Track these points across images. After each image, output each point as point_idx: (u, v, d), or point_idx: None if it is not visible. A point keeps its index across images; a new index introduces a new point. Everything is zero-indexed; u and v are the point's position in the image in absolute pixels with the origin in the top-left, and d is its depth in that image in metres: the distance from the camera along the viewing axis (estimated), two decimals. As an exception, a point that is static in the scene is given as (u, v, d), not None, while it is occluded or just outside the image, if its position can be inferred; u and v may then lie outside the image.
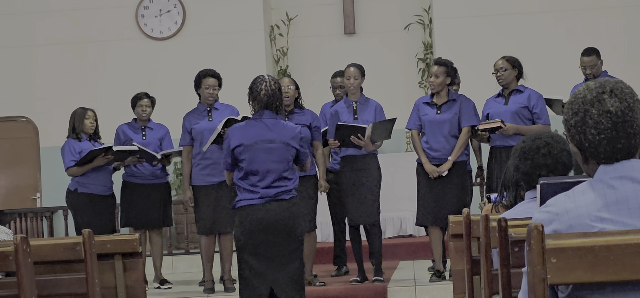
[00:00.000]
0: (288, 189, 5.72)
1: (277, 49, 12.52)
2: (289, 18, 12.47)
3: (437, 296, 7.65)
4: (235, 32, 12.02)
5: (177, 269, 10.25)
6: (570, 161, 3.94)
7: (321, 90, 9.95)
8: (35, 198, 12.45)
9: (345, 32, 12.49)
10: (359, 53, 11.40)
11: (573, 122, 2.48)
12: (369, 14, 12.50)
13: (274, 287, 5.67)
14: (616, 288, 2.37)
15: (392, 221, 11.10)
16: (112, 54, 12.13)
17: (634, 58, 11.30)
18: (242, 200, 5.72)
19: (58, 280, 4.23)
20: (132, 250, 4.86)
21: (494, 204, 4.64)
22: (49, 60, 12.17)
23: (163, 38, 12.18)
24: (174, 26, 12.18)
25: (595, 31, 11.10)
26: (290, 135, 5.73)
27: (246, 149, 5.67)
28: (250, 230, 5.65)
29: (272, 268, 5.66)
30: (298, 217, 5.76)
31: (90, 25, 12.16)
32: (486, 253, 3.66)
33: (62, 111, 11.19)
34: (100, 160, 8.21)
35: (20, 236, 3.48)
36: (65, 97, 11.75)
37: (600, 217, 2.40)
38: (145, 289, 5.03)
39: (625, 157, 2.45)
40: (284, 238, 5.67)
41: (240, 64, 11.49)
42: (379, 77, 11.59)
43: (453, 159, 7.64)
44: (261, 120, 5.72)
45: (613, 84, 2.47)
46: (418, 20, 12.33)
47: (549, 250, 2.30)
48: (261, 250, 5.65)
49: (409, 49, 12.26)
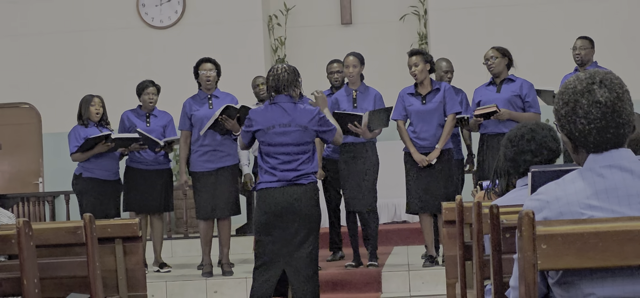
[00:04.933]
0: (306, 173, 5.71)
1: (275, 39, 12.51)
2: (286, 8, 12.47)
3: (430, 281, 7.66)
4: (234, 21, 12.02)
5: (177, 253, 10.27)
6: (557, 147, 3.97)
7: (318, 79, 9.95)
8: (38, 183, 12.46)
9: (342, 22, 12.49)
10: (356, 43, 11.37)
11: (563, 111, 2.48)
12: (365, 4, 12.50)
13: (287, 269, 5.68)
14: (605, 274, 2.38)
15: (387, 207, 11.11)
16: (113, 42, 12.12)
17: (622, 50, 11.30)
18: (262, 183, 5.73)
19: (60, 263, 4.23)
20: (132, 234, 4.86)
21: (486, 191, 4.64)
22: (52, 47, 12.16)
23: (163, 27, 12.17)
24: (174, 15, 12.17)
25: (587, 22, 11.09)
26: (308, 119, 5.71)
27: (264, 133, 5.69)
28: (267, 212, 5.66)
29: (287, 251, 5.67)
30: (314, 203, 5.74)
31: (93, 14, 12.15)
32: (478, 239, 3.67)
33: (64, 98, 11.20)
34: (101, 147, 8.20)
35: (23, 220, 3.48)
36: (68, 83, 11.75)
37: (590, 204, 2.41)
38: (145, 272, 5.03)
39: (614, 147, 2.45)
40: (300, 222, 5.67)
41: (239, 53, 11.50)
42: (375, 66, 11.57)
43: (440, 147, 7.63)
44: (278, 105, 5.72)
45: (602, 75, 2.47)
46: (413, 11, 12.32)
47: (539, 237, 2.30)
48: (277, 232, 5.66)
49: (404, 40, 12.24)
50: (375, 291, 7.73)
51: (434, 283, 7.59)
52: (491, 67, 7.77)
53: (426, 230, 7.82)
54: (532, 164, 3.91)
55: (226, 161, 7.90)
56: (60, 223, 4.40)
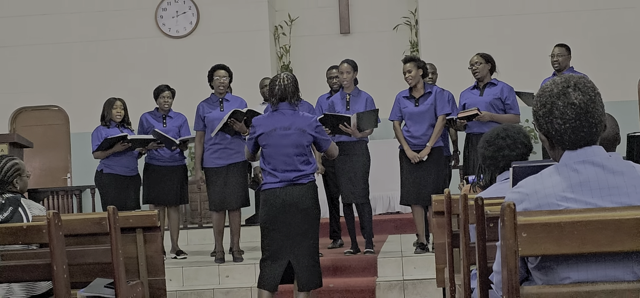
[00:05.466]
0: (306, 174, 5.70)
1: (280, 47, 12.50)
2: (291, 19, 12.46)
3: (421, 266, 7.66)
4: (243, 31, 12.01)
5: (192, 241, 10.26)
6: (529, 142, 4.04)
7: (319, 84, 9.94)
8: (66, 178, 12.46)
9: (340, 31, 12.47)
10: (353, 51, 11.39)
11: (541, 112, 2.49)
12: (362, 15, 12.49)
13: (292, 259, 5.68)
14: (579, 259, 2.38)
15: (382, 199, 11.11)
16: (134, 50, 12.12)
17: (595, 56, 11.30)
18: (266, 184, 5.72)
19: (86, 251, 4.23)
20: (151, 224, 4.87)
21: (471, 185, 4.65)
22: (79, 55, 12.16)
23: (179, 36, 12.17)
24: (189, 26, 12.17)
25: (565, 31, 11.09)
26: (306, 123, 5.70)
27: (266, 136, 5.68)
28: (271, 209, 5.66)
29: (291, 244, 5.67)
30: (314, 200, 5.74)
31: (116, 25, 12.15)
32: (465, 228, 3.67)
33: (90, 101, 11.20)
34: (118, 147, 8.20)
35: (53, 212, 3.49)
36: (93, 88, 11.75)
37: (565, 196, 2.41)
38: (163, 259, 5.04)
39: (587, 144, 2.46)
40: (301, 218, 5.66)
41: (248, 60, 11.49)
42: (371, 72, 11.60)
43: (431, 145, 7.64)
44: (280, 111, 5.72)
45: (577, 79, 2.47)
46: (405, 22, 12.31)
47: (520, 226, 2.30)
48: (281, 227, 5.66)
49: (397, 47, 12.23)
50: (372, 275, 7.73)
51: (425, 268, 7.59)
52: (476, 72, 7.76)
53: (418, 220, 7.82)
54: (510, 158, 3.94)
55: (236, 158, 7.89)
56: (86, 215, 4.40)
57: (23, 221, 4.37)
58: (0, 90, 12.29)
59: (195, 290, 7.73)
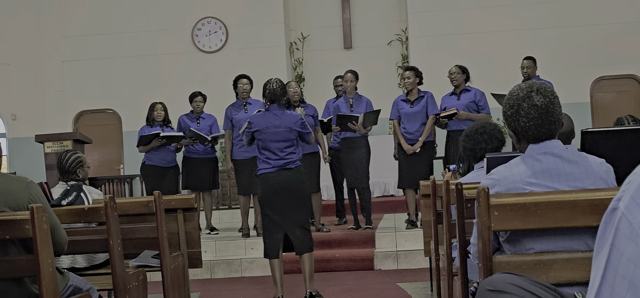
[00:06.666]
0: (293, 160, 5.69)
1: (294, 60, 12.49)
2: (303, 36, 12.46)
3: (411, 239, 7.65)
4: (263, 47, 12.01)
5: (223, 220, 10.28)
6: (502, 137, 4.04)
7: (327, 90, 9.95)
8: (119, 169, 12.49)
9: (344, 46, 12.46)
10: (355, 62, 11.38)
11: (509, 112, 2.49)
12: (362, 33, 12.48)
13: (287, 231, 5.66)
14: (541, 233, 2.38)
15: (379, 185, 11.11)
16: (174, 63, 12.14)
17: (556, 66, 11.26)
18: (261, 169, 5.70)
19: (136, 228, 4.25)
20: (189, 206, 4.89)
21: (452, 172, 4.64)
22: (129, 67, 12.19)
23: (211, 51, 12.18)
24: (219, 43, 12.18)
25: (528, 46, 11.06)
26: (293, 122, 5.68)
27: (261, 132, 5.67)
28: (267, 191, 5.64)
29: (285, 218, 5.66)
30: (303, 180, 5.72)
31: (159, 42, 12.17)
32: (447, 208, 3.66)
33: (138, 105, 11.22)
34: (155, 143, 8.23)
35: (109, 196, 3.50)
36: (141, 94, 11.78)
37: (530, 182, 2.41)
38: (199, 234, 5.05)
39: (547, 138, 2.45)
40: (293, 196, 5.64)
41: (268, 70, 11.43)
42: (370, 79, 11.59)
43: (422, 140, 7.65)
44: (271, 111, 5.70)
45: (539, 85, 2.47)
46: (398, 38, 12.29)
47: (492, 206, 2.30)
48: (276, 205, 5.64)
49: (391, 59, 12.22)
50: (371, 247, 7.73)
51: (414, 241, 7.58)
52: (453, 80, 7.76)
53: (410, 201, 7.82)
54: (487, 151, 3.93)
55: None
56: (136, 199, 4.42)
57: (85, 204, 4.39)
58: (66, 96, 12.34)
59: (226, 260, 7.75)
